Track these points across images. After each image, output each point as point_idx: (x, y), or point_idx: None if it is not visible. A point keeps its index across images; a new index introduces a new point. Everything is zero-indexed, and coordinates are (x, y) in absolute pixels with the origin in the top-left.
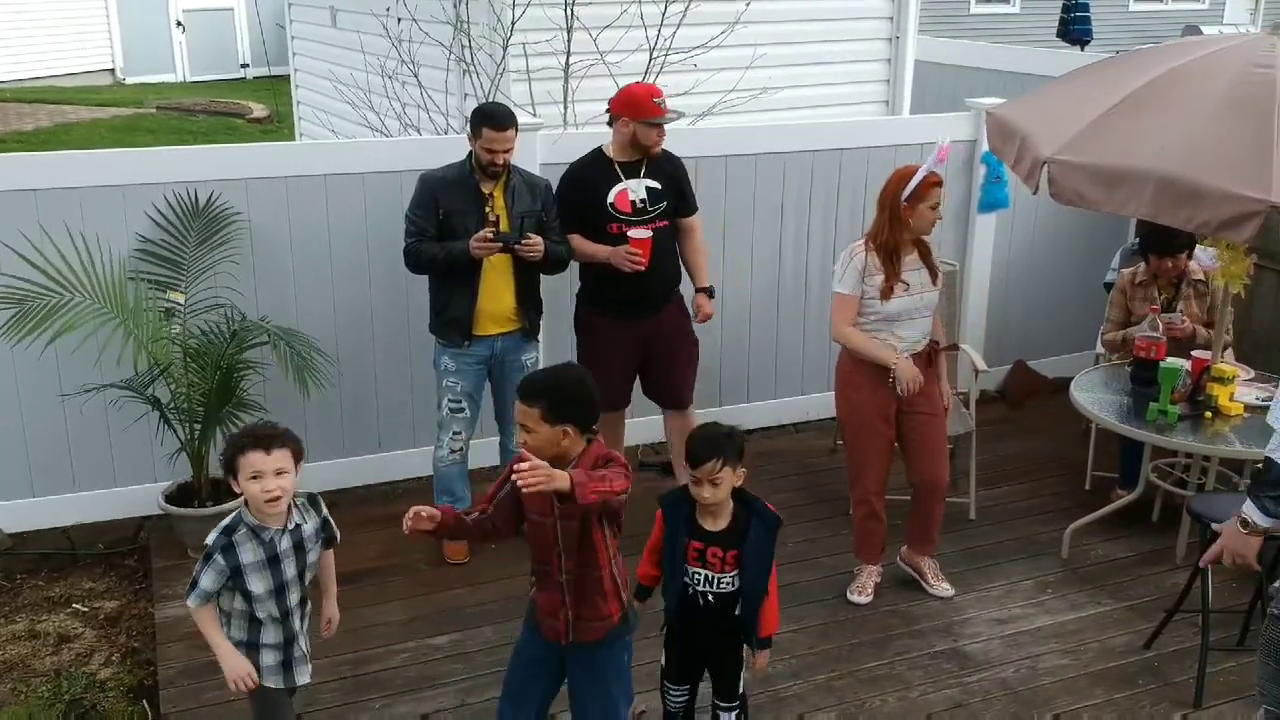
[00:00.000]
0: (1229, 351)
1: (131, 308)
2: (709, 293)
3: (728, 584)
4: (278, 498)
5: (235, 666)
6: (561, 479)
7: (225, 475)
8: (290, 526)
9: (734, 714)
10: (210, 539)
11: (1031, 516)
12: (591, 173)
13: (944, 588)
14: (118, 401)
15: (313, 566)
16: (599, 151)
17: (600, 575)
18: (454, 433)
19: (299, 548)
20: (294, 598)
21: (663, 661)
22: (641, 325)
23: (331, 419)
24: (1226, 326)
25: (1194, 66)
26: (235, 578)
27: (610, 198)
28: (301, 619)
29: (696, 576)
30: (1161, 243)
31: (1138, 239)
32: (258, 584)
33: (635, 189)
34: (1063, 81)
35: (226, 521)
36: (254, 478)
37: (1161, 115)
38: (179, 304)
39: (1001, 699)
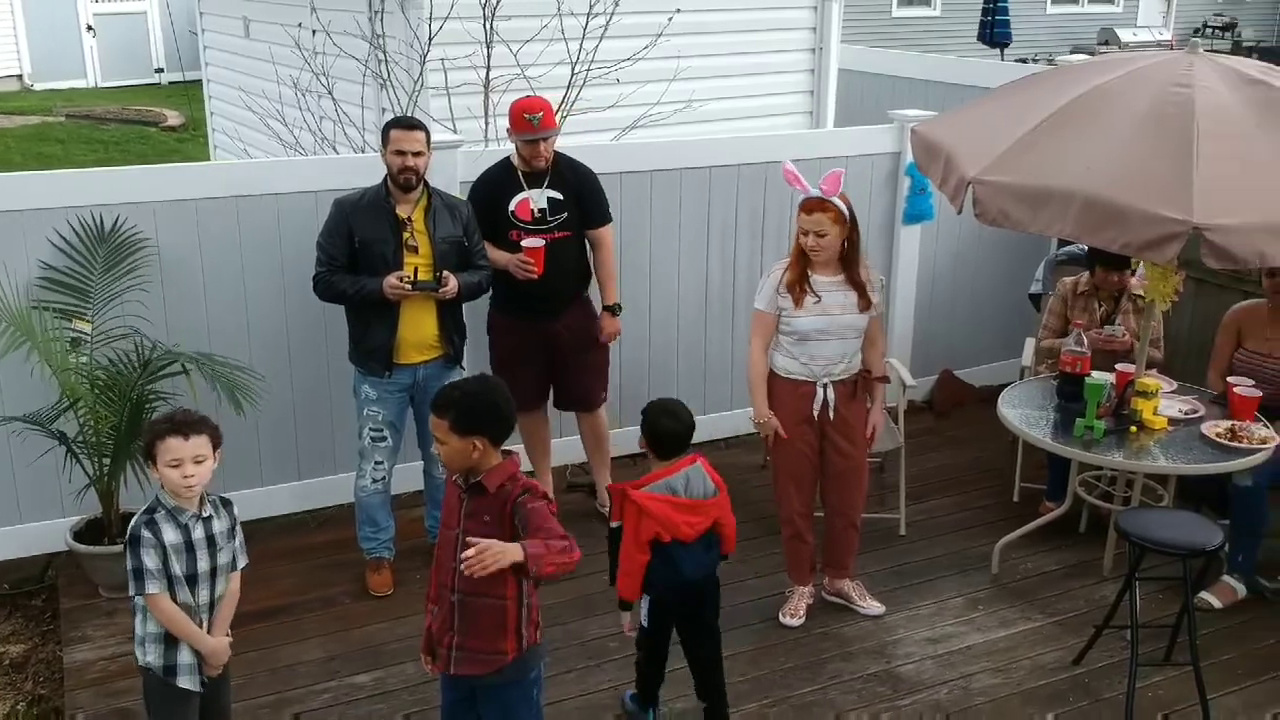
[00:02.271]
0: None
1: (37, 338)
2: (613, 310)
3: None
4: (194, 484)
5: (218, 647)
6: (514, 553)
7: (144, 461)
8: (205, 514)
9: None
10: (133, 522)
11: (961, 530)
12: (496, 181)
13: (873, 605)
14: (21, 434)
15: (224, 570)
16: (507, 160)
17: (503, 605)
18: (376, 462)
19: (210, 541)
20: (204, 595)
21: None
22: (542, 327)
23: (248, 447)
24: (1157, 341)
25: (1116, 85)
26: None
27: (512, 206)
28: (209, 625)
29: None
30: (1110, 256)
31: (1061, 251)
32: (177, 566)
33: (537, 198)
34: (987, 99)
35: (146, 505)
36: (173, 465)
37: (1085, 135)
38: (86, 334)
39: None
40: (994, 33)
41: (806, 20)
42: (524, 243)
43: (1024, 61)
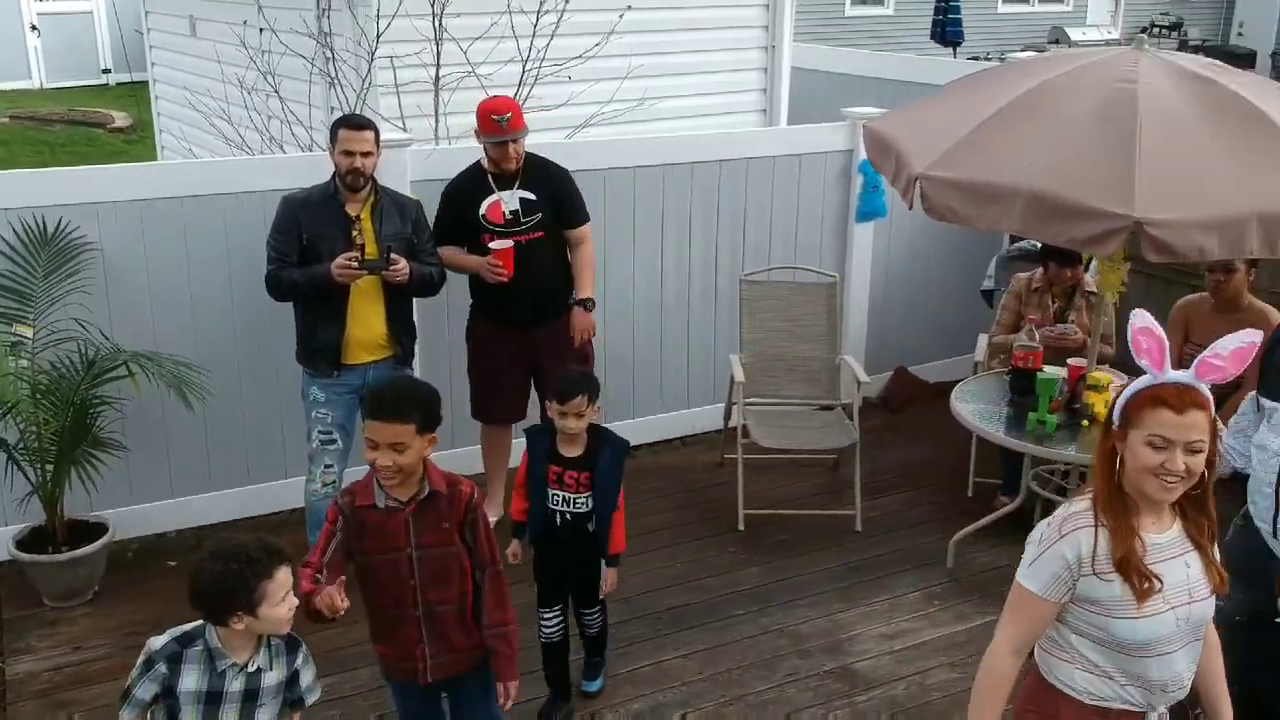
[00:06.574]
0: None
1: None
2: (584, 305)
3: (582, 504)
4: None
5: None
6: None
7: (224, 614)
8: (251, 668)
9: (595, 616)
10: (158, 643)
11: (916, 526)
12: (466, 185)
13: None
14: None
15: None
16: (477, 164)
17: (465, 604)
18: (325, 465)
19: (249, 696)
20: None
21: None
22: (522, 336)
23: (196, 451)
24: (1109, 335)
25: (1062, 81)
26: (168, 698)
27: (483, 209)
28: None
29: (556, 498)
30: (1061, 252)
31: (1012, 247)
32: (189, 717)
33: (508, 200)
34: (937, 95)
35: (187, 629)
36: (285, 597)
37: (1030, 131)
38: (26, 338)
39: (892, 718)
40: (946, 31)
41: (758, 19)
42: (492, 245)
43: (976, 60)
